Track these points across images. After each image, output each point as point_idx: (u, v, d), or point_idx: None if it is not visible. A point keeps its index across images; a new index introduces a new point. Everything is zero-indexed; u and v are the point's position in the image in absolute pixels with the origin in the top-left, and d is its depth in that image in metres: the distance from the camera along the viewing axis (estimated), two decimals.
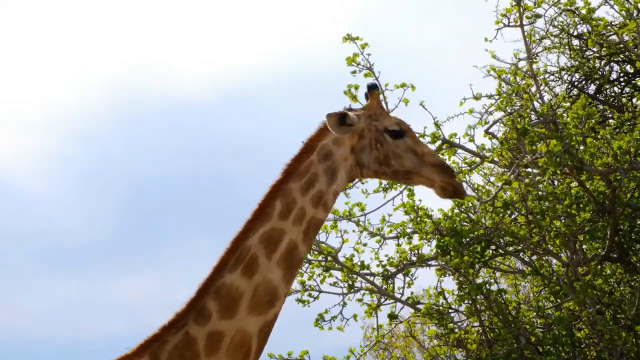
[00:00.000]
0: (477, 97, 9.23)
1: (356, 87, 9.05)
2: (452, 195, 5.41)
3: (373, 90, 5.39)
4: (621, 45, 10.71)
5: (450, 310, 8.82)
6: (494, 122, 9.19)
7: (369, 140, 5.20)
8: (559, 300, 8.78)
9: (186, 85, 26.19)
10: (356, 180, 6.13)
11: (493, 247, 8.65)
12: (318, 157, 5.09)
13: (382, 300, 8.90)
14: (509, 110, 9.02)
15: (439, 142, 9.04)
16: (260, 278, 4.79)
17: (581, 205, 8.49)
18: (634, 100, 11.70)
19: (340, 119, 5.10)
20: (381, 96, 9.04)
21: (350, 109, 5.27)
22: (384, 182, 8.93)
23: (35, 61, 26.48)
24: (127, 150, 26.04)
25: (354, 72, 9.05)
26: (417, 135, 5.37)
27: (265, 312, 4.77)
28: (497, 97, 9.28)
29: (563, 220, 8.38)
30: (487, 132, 9.08)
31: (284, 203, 4.95)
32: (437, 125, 9.02)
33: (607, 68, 11.88)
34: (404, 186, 8.90)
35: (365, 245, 8.94)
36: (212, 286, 4.77)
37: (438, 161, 5.32)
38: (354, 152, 5.19)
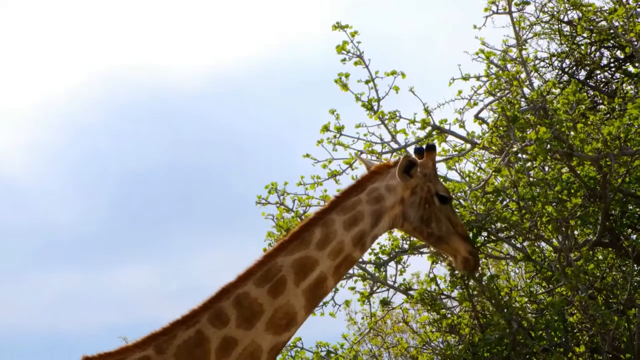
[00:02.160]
0: (465, 78, 9.25)
1: (346, 76, 9.05)
2: (472, 269, 5.58)
3: (431, 150, 5.56)
4: (611, 31, 10.72)
5: (442, 296, 8.84)
6: (484, 107, 9.21)
7: (419, 198, 5.38)
8: (551, 286, 8.81)
9: (177, 78, 26.11)
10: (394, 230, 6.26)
11: (485, 233, 8.66)
12: (368, 197, 5.22)
13: (375, 287, 8.92)
14: (498, 95, 9.02)
15: (429, 129, 9.04)
16: (284, 301, 4.89)
17: (572, 191, 8.50)
18: (624, 85, 11.72)
19: (408, 167, 5.28)
20: (371, 84, 9.06)
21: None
22: None
23: (26, 55, 26.37)
24: (118, 142, 25.98)
25: (344, 60, 9.06)
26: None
27: (280, 333, 4.89)
28: (485, 79, 9.29)
29: (554, 206, 8.40)
30: (476, 117, 9.08)
31: (323, 233, 5.04)
32: (427, 111, 9.03)
33: (597, 54, 11.91)
34: None
35: None
36: (233, 292, 4.86)
37: (466, 233, 5.58)
38: (402, 204, 5.34)
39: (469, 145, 9.24)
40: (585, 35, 11.49)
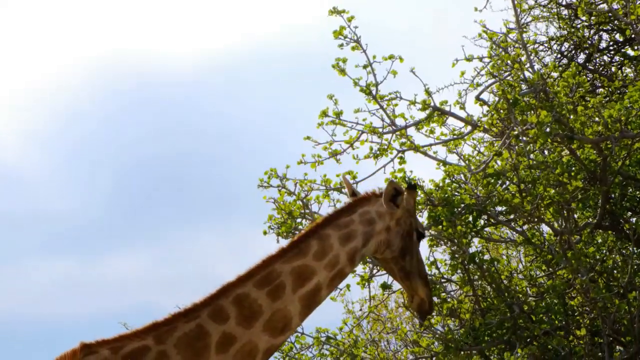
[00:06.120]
0: (469, 59, 9.20)
1: (344, 61, 8.99)
2: (425, 313, 5.80)
3: (412, 190, 5.77)
4: (610, 14, 10.67)
5: (442, 280, 8.81)
6: (485, 89, 9.14)
7: (402, 230, 5.57)
8: (551, 269, 8.80)
9: (172, 65, 26.02)
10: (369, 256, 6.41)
11: (485, 216, 8.63)
12: (360, 218, 5.43)
13: (375, 271, 8.90)
14: (499, 77, 8.95)
15: (429, 110, 8.98)
16: (282, 305, 5.06)
17: (572, 174, 8.48)
18: (624, 68, 11.69)
19: (395, 195, 5.51)
20: (369, 69, 9.00)
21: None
22: (375, 148, 8.92)
23: (17, 42, 26.25)
24: (114, 130, 25.93)
25: (341, 45, 9.00)
26: None
27: (276, 336, 5.05)
28: (488, 60, 9.24)
29: (555, 189, 8.37)
30: (477, 98, 9.03)
31: (320, 245, 5.25)
32: (427, 92, 8.97)
33: (596, 37, 11.86)
34: (395, 153, 8.89)
35: None
36: (233, 292, 5.02)
37: (425, 276, 5.75)
38: (388, 232, 5.52)
39: (469, 128, 9.18)
40: (584, 18, 11.43)
